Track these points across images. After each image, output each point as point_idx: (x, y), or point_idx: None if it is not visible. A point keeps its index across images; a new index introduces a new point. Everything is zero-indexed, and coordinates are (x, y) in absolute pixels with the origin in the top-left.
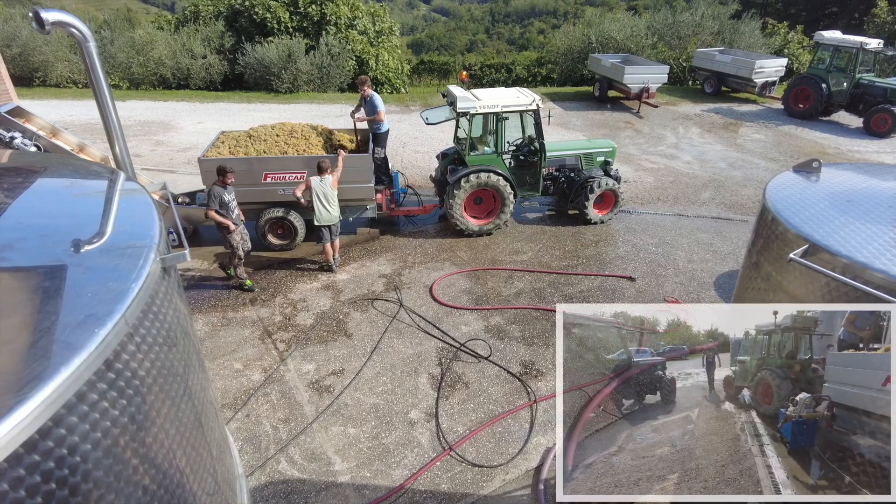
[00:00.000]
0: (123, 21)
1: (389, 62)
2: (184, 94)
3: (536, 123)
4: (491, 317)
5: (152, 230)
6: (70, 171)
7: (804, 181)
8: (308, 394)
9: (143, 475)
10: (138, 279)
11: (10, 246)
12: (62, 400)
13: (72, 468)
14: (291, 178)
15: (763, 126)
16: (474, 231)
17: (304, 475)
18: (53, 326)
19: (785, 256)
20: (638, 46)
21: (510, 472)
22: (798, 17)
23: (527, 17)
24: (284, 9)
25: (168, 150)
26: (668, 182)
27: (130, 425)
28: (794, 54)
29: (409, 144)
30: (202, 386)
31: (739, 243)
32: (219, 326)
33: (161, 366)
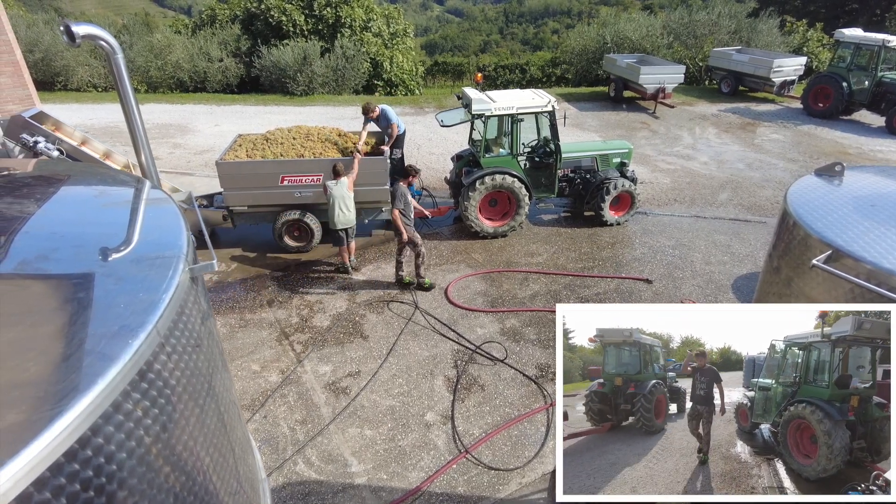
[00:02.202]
0: (142, 25)
1: (404, 64)
2: (201, 97)
3: (552, 125)
4: (506, 319)
5: (180, 240)
6: (96, 179)
7: (826, 185)
8: (325, 395)
9: (173, 481)
10: (168, 290)
11: (45, 256)
12: (100, 410)
13: (108, 476)
14: (308, 181)
15: (781, 126)
16: (489, 233)
17: (321, 476)
18: (89, 337)
19: (806, 262)
20: (653, 46)
21: (526, 476)
22: (817, 15)
23: (541, 18)
24: (300, 12)
25: (185, 153)
26: (684, 183)
27: (162, 433)
28: (813, 52)
29: (423, 146)
30: (225, 386)
31: (758, 245)
32: (236, 328)
33: (190, 373)
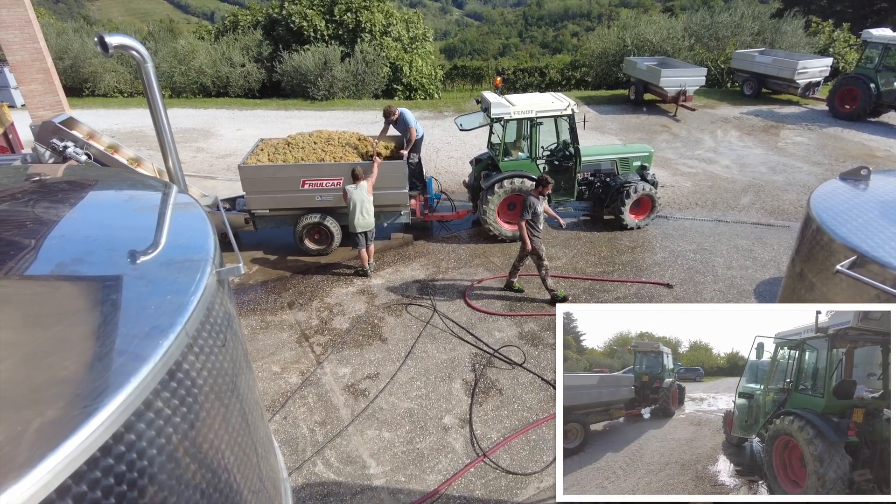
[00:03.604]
0: (166, 32)
1: (423, 68)
2: (223, 102)
3: (571, 128)
4: (525, 323)
5: (207, 244)
6: (125, 184)
7: (852, 189)
8: (344, 397)
9: (200, 477)
10: (196, 292)
11: (80, 259)
12: (132, 408)
13: (140, 472)
14: (328, 185)
15: (806, 128)
16: (508, 236)
17: (339, 478)
18: (122, 337)
19: (830, 267)
20: (674, 48)
21: (544, 481)
22: (844, 15)
23: (560, 20)
24: (321, 17)
25: (208, 157)
26: (706, 187)
27: (190, 431)
28: (839, 53)
29: (442, 150)
30: (249, 386)
31: (781, 250)
32: (258, 329)
33: (216, 372)
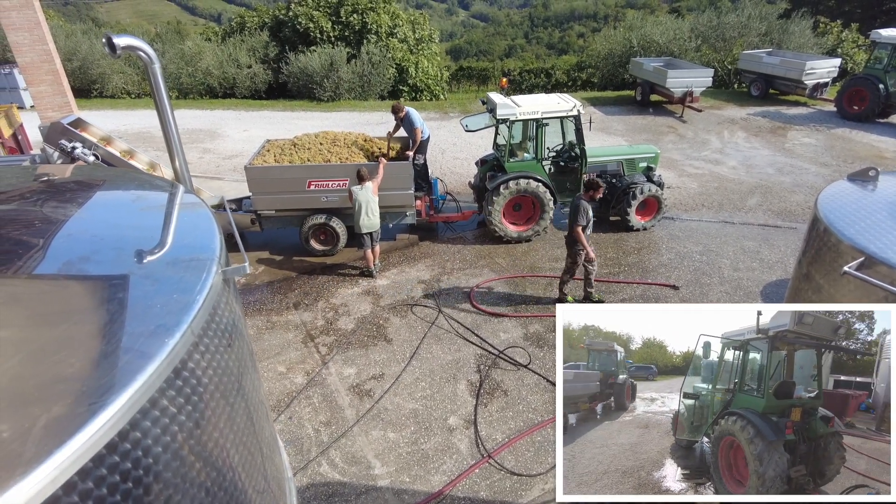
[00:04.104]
0: (174, 34)
1: (429, 69)
2: (230, 103)
3: (577, 129)
4: (530, 324)
5: (213, 243)
6: (132, 184)
7: (859, 190)
8: (349, 397)
9: (205, 476)
10: (202, 291)
11: (87, 258)
12: (138, 405)
13: (146, 469)
14: (334, 186)
15: (814, 129)
16: (513, 237)
17: (344, 478)
18: (128, 335)
19: (838, 268)
20: (681, 49)
21: (549, 482)
22: (853, 15)
23: (566, 21)
24: (327, 18)
25: (215, 158)
26: (712, 188)
27: (195, 430)
28: (847, 54)
29: (448, 151)
30: (254, 386)
31: (788, 252)
32: (263, 330)
33: (221, 371)
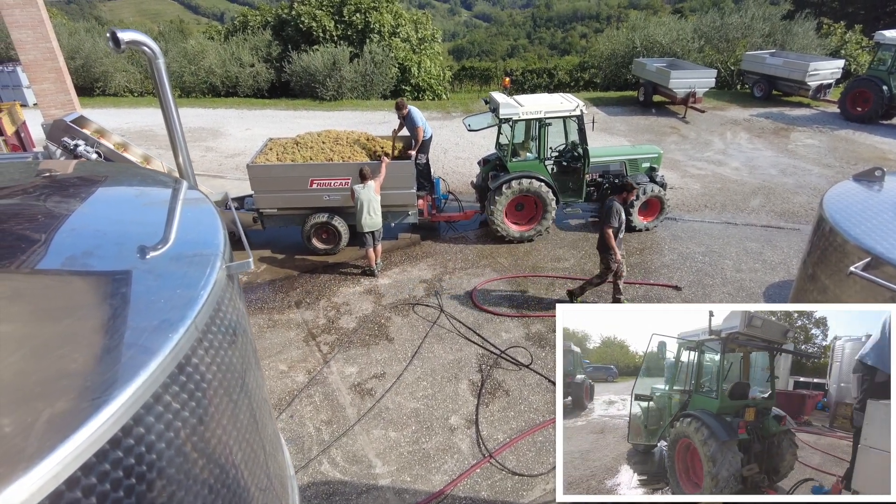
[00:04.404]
0: (177, 32)
1: (431, 69)
2: (232, 102)
3: (580, 129)
4: (532, 324)
5: (217, 239)
6: (135, 180)
7: (865, 190)
8: (350, 396)
9: (208, 473)
10: (206, 286)
11: (90, 253)
12: (141, 401)
13: (149, 465)
14: (336, 185)
15: (817, 131)
16: (515, 237)
17: (345, 477)
18: (132, 330)
19: (843, 269)
20: (684, 50)
21: (550, 483)
22: (856, 17)
23: (569, 22)
24: (330, 18)
25: (217, 156)
26: (715, 189)
27: (199, 426)
28: (851, 55)
29: (450, 150)
30: (258, 383)
31: (791, 253)
32: (265, 328)
33: (225, 368)
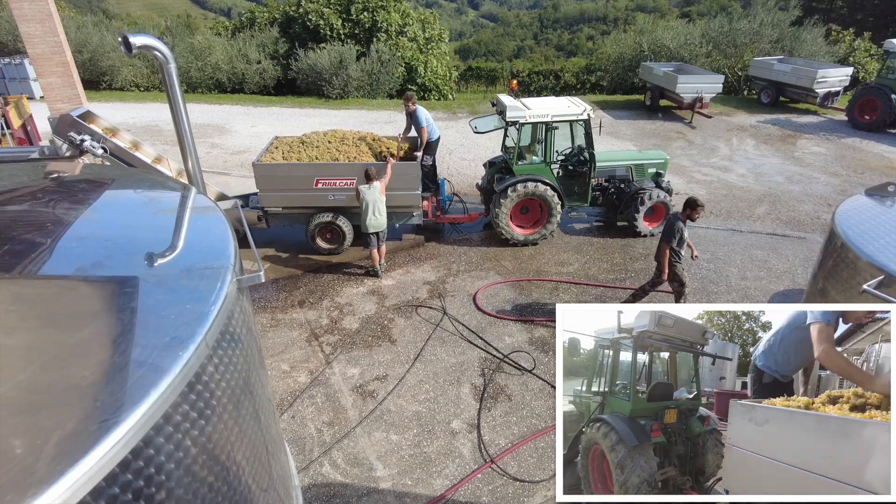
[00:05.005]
0: (184, 28)
1: (438, 69)
2: (238, 98)
3: (587, 133)
4: (535, 329)
5: (228, 250)
6: (142, 185)
7: (878, 206)
8: (352, 398)
9: (216, 492)
10: (217, 301)
11: (99, 263)
12: (152, 422)
13: (158, 486)
14: (342, 185)
15: (824, 138)
16: (519, 240)
17: (346, 479)
18: (142, 347)
19: (855, 286)
20: (692, 55)
21: (552, 489)
22: (865, 24)
23: (576, 23)
24: (337, 16)
25: (222, 153)
26: (720, 195)
27: (207, 444)
28: (860, 63)
29: (455, 152)
30: (262, 384)
31: (796, 261)
32: (268, 327)
33: (234, 381)
